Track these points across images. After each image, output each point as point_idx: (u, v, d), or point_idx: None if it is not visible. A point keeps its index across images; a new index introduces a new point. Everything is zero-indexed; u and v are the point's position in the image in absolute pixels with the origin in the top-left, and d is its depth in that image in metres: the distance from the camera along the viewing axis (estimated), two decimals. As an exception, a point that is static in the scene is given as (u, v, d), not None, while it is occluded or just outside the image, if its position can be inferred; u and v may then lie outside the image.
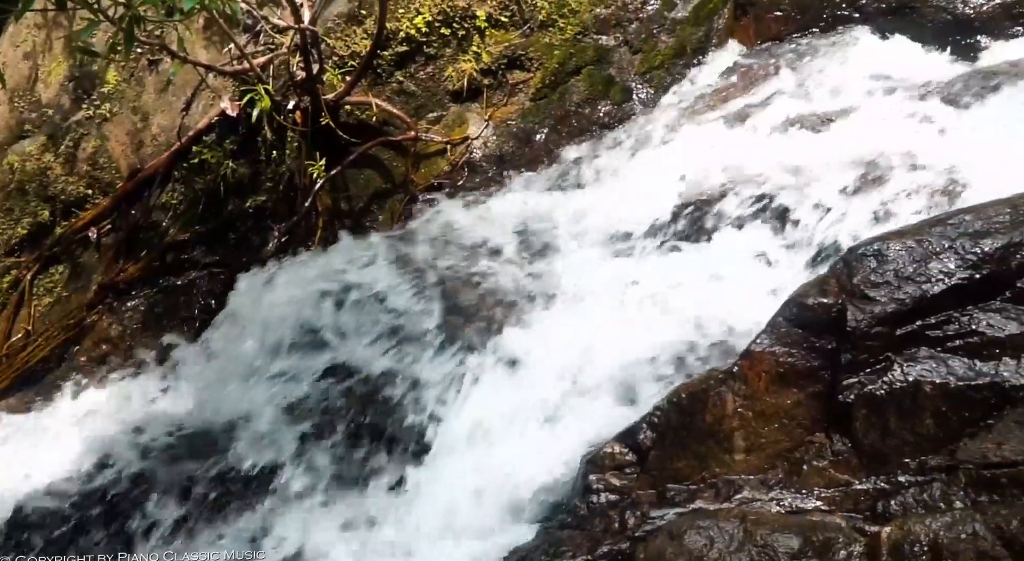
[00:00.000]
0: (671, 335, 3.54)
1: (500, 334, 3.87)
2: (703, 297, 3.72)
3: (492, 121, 5.08)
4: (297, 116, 4.91)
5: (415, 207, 5.05)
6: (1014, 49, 4.37)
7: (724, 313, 3.54)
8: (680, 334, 3.53)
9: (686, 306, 3.69)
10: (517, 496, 3.31)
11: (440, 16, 5.03)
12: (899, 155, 3.78)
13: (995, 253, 2.80)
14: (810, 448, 2.89)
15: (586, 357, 3.62)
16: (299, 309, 4.18)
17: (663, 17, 5.02)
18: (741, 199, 4.03)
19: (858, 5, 4.71)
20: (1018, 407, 2.63)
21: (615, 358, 3.58)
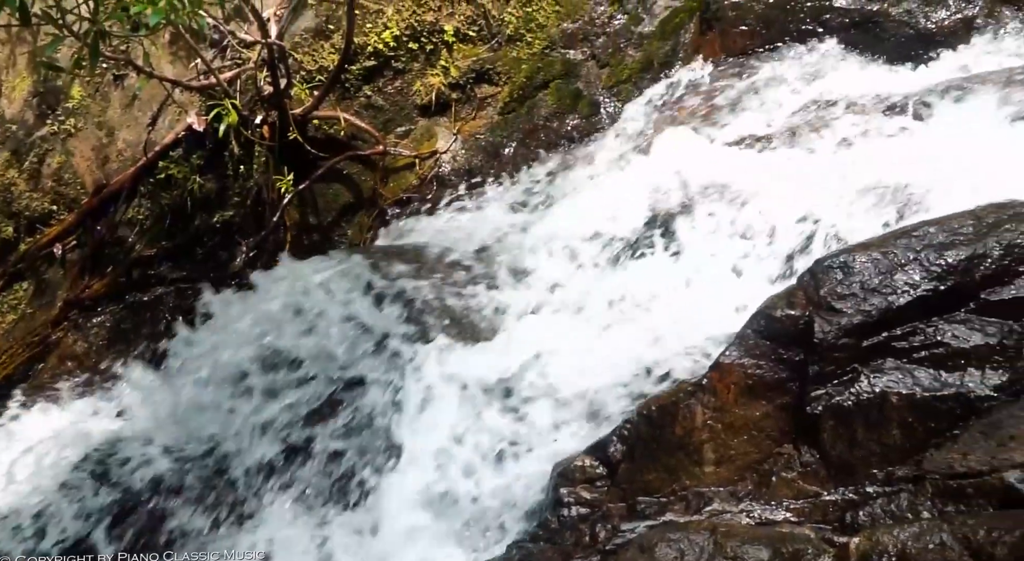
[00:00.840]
0: (641, 347, 3.55)
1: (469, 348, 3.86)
2: (673, 309, 3.74)
3: (461, 135, 5.09)
4: (265, 131, 4.89)
5: (384, 221, 5.03)
6: (976, 62, 4.43)
7: (694, 325, 3.55)
8: (650, 346, 3.54)
9: (656, 318, 3.71)
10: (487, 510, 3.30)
11: (408, 31, 5.03)
12: (865, 167, 3.82)
13: (959, 265, 2.83)
14: (779, 459, 2.90)
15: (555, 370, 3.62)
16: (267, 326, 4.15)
17: (630, 31, 5.05)
18: (710, 212, 4.05)
19: (823, 19, 4.76)
20: (983, 417, 2.65)
21: (585, 371, 3.58)
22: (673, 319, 3.66)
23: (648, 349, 3.53)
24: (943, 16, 4.63)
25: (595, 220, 4.31)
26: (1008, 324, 2.75)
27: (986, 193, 3.08)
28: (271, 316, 4.14)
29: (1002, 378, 2.68)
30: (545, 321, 3.96)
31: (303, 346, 4.02)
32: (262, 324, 4.14)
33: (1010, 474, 2.46)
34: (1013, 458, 2.52)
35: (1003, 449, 2.55)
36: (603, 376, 3.53)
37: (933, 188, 3.50)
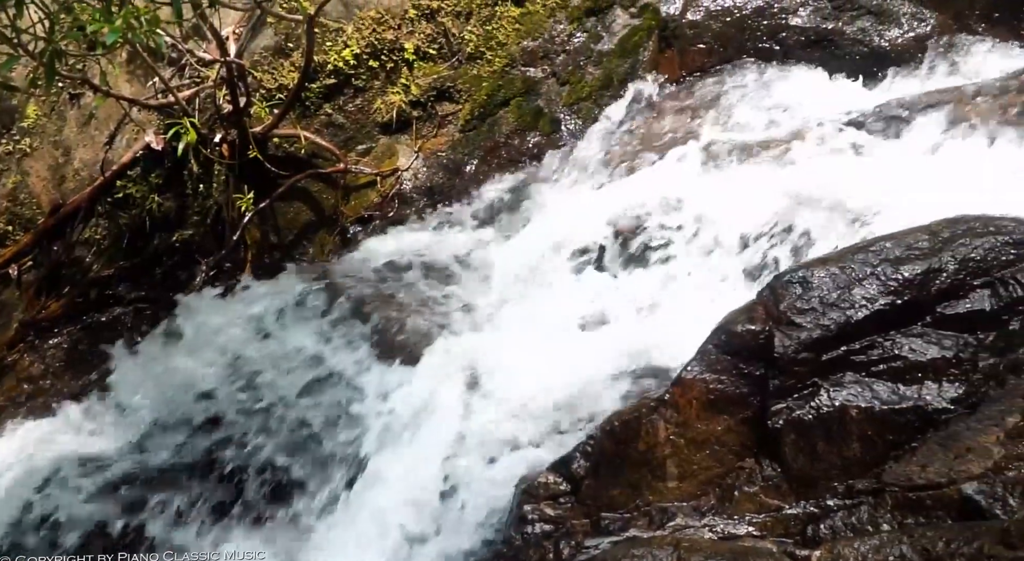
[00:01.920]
0: (604, 363, 3.56)
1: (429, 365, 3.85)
2: (636, 324, 3.76)
3: (422, 153, 5.08)
4: (224, 149, 4.85)
5: (346, 239, 5.01)
6: (928, 80, 4.51)
7: (657, 340, 3.57)
8: (613, 362, 3.55)
9: (619, 333, 3.73)
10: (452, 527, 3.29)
11: (368, 49, 5.03)
12: (822, 183, 3.87)
13: (915, 279, 2.87)
14: (741, 474, 2.92)
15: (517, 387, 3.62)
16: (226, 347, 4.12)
17: (590, 49, 5.08)
18: (671, 228, 4.08)
19: (779, 38, 4.83)
20: (940, 430, 2.69)
21: (547, 387, 3.58)
22: (635, 333, 3.68)
23: (610, 364, 3.54)
24: (896, 35, 4.71)
25: (557, 236, 4.33)
26: (963, 337, 2.79)
27: (937, 208, 3.13)
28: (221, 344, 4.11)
29: (958, 391, 2.72)
30: (507, 337, 3.96)
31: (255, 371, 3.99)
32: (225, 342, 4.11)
33: (967, 486, 2.49)
34: (970, 470, 2.55)
35: (960, 461, 2.58)
36: (565, 392, 3.53)
37: (887, 203, 3.55)
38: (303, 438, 3.83)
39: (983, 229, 2.89)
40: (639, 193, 4.28)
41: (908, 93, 4.34)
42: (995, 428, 2.61)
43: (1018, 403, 2.62)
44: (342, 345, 4.02)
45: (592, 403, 3.46)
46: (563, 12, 5.15)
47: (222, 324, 4.28)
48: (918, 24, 4.70)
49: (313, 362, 4.00)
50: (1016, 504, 2.40)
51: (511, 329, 3.98)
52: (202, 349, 4.19)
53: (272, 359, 4.03)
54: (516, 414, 3.54)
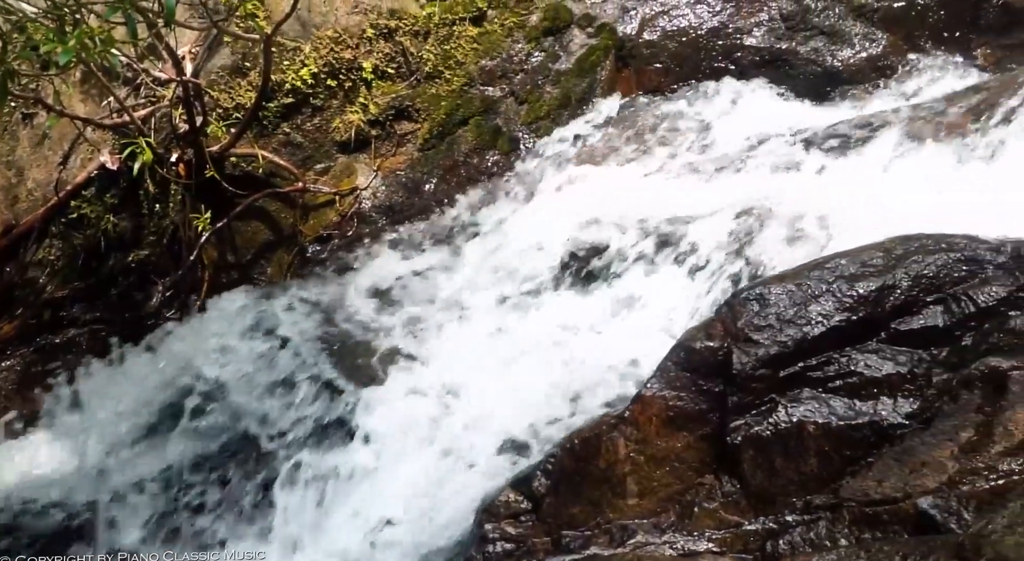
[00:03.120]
0: (564, 381, 3.57)
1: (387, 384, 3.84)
2: (595, 342, 3.77)
3: (381, 171, 5.07)
4: (181, 168, 4.81)
5: (305, 258, 4.99)
6: (880, 98, 4.59)
7: (616, 357, 3.58)
8: (573, 379, 3.56)
9: (579, 351, 3.74)
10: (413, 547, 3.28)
11: (326, 68, 5.02)
12: (777, 200, 3.91)
13: (870, 295, 2.90)
14: (701, 490, 2.93)
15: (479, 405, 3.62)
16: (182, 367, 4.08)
17: (547, 69, 5.11)
18: (628, 245, 4.10)
19: (734, 57, 4.89)
20: (896, 445, 2.72)
21: (509, 406, 3.58)
22: (597, 351, 3.69)
23: (572, 382, 3.55)
24: (848, 55, 4.79)
25: (517, 254, 4.34)
26: (918, 353, 2.83)
27: (890, 226, 3.17)
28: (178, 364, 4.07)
29: (913, 406, 2.76)
30: (467, 356, 3.95)
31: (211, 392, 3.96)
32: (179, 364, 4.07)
33: (923, 500, 2.52)
34: (925, 484, 2.58)
35: (916, 475, 2.61)
36: (525, 410, 3.53)
37: (841, 220, 3.59)
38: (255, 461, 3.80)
39: (935, 246, 2.94)
40: (599, 210, 4.30)
41: (860, 112, 4.41)
42: (949, 443, 2.64)
43: (971, 418, 2.66)
44: (299, 365, 3.99)
45: (552, 421, 3.46)
46: (521, 32, 5.18)
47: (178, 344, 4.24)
48: (870, 44, 4.79)
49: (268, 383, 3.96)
50: (970, 518, 2.43)
51: (471, 348, 3.97)
52: (158, 370, 4.15)
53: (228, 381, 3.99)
54: (476, 433, 3.54)
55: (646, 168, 4.47)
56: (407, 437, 3.65)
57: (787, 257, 3.62)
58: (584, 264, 4.13)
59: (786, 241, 3.68)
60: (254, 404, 3.93)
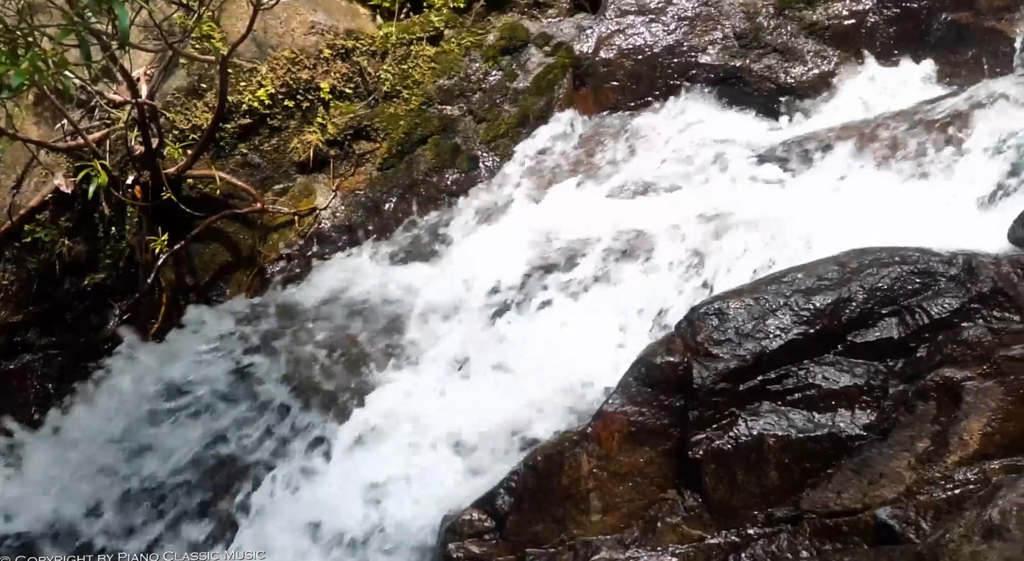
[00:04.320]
0: (527, 398, 3.57)
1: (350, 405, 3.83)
2: (557, 360, 3.77)
3: (340, 191, 5.06)
4: (137, 191, 4.76)
5: (264, 279, 4.96)
6: (833, 114, 4.66)
7: (579, 375, 3.59)
8: (536, 397, 3.56)
9: (541, 369, 3.74)
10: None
11: (283, 89, 5.00)
12: (733, 216, 3.95)
13: (826, 309, 2.94)
14: (663, 505, 2.94)
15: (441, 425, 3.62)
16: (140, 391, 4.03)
17: (505, 87, 5.14)
18: (588, 262, 4.12)
19: (689, 75, 4.94)
20: (854, 456, 2.75)
21: (472, 425, 3.58)
22: (558, 369, 3.70)
23: (534, 399, 3.55)
24: (801, 72, 4.86)
25: (476, 273, 4.34)
26: (874, 365, 2.86)
27: (845, 239, 3.22)
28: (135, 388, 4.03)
29: (870, 417, 2.79)
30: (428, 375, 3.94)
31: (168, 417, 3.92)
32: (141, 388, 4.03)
33: (881, 511, 2.56)
34: (883, 495, 2.62)
35: (874, 486, 2.65)
36: (488, 429, 3.53)
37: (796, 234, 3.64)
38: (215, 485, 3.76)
39: (889, 259, 2.98)
40: (557, 227, 4.32)
41: (813, 127, 4.48)
42: (906, 453, 2.68)
43: (927, 428, 2.70)
44: (258, 387, 3.96)
45: (515, 439, 3.46)
46: (478, 51, 5.21)
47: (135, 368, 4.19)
48: (822, 61, 4.86)
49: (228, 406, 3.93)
50: (928, 528, 2.46)
51: (432, 367, 3.96)
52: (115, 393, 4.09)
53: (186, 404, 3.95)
54: (438, 452, 3.53)
55: (604, 185, 4.49)
56: (369, 457, 3.63)
57: (745, 271, 3.65)
58: (543, 280, 4.14)
59: (744, 255, 3.72)
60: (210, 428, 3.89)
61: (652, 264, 3.97)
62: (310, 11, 5.10)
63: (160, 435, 3.91)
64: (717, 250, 3.82)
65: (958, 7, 4.75)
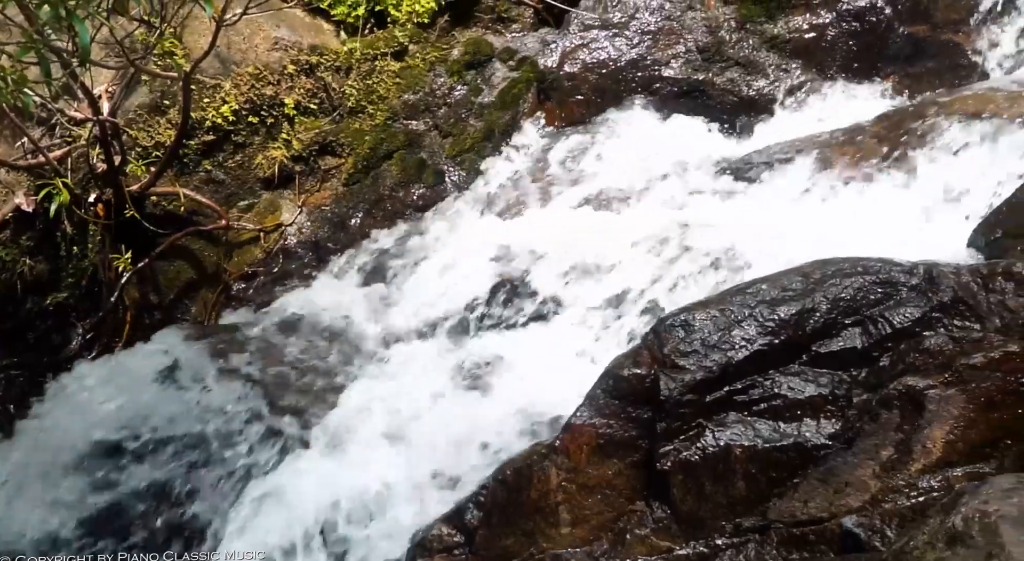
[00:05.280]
0: (495, 413, 3.57)
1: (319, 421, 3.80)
2: (525, 373, 3.78)
3: (306, 207, 5.05)
4: (99, 209, 4.73)
5: (230, 296, 4.93)
6: (794, 127, 4.71)
7: (546, 387, 3.60)
8: (504, 411, 3.57)
9: (509, 383, 3.74)
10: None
11: (247, 105, 4.99)
12: (698, 228, 3.98)
13: (791, 319, 2.96)
14: (632, 517, 2.95)
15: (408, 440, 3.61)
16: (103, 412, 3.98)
17: (471, 102, 5.15)
18: (554, 275, 4.13)
19: (653, 88, 4.98)
20: (820, 465, 2.77)
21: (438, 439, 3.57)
22: (526, 382, 3.71)
23: (503, 413, 3.56)
24: (763, 85, 4.91)
25: (444, 288, 4.34)
26: (838, 375, 2.89)
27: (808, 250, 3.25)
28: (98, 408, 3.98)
29: (835, 427, 2.81)
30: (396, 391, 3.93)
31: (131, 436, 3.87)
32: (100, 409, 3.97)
33: (847, 519, 2.57)
34: (849, 503, 2.64)
35: (840, 495, 2.67)
36: (456, 444, 3.53)
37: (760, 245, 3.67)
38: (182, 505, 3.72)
39: (852, 269, 3.01)
40: (524, 241, 4.33)
41: (776, 140, 4.52)
42: (870, 462, 2.70)
43: (891, 437, 2.72)
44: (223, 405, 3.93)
45: (484, 453, 3.46)
46: (443, 66, 5.22)
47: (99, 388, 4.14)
48: (783, 75, 4.92)
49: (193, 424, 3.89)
50: (893, 535, 2.48)
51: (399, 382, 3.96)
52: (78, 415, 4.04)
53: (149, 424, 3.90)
54: (407, 467, 3.52)
55: (568, 198, 4.51)
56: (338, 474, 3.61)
57: (710, 283, 3.68)
58: (509, 295, 4.15)
59: (708, 267, 3.75)
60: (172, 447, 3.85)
61: (617, 276, 3.99)
62: (273, 27, 5.09)
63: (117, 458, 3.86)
64: (680, 262, 3.85)
65: (915, 21, 4.83)
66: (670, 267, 3.83)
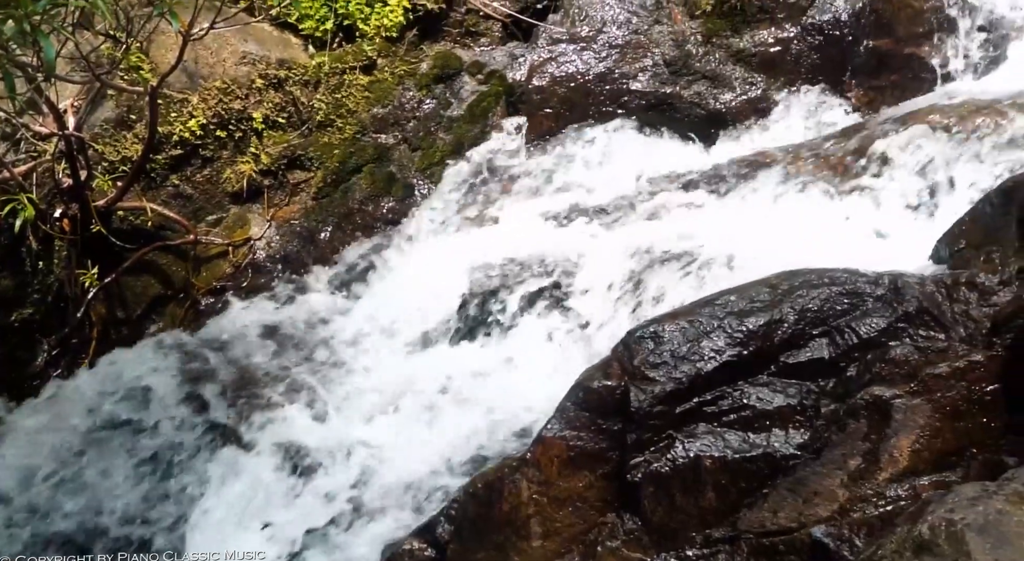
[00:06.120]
0: (467, 426, 3.57)
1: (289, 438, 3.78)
2: (496, 386, 3.78)
3: (275, 221, 5.03)
4: (65, 224, 4.67)
5: (198, 311, 4.89)
6: (761, 139, 4.75)
7: (517, 400, 3.60)
8: (476, 425, 3.56)
9: (480, 396, 3.74)
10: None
11: (215, 119, 4.96)
12: (668, 240, 4.01)
13: (759, 330, 2.98)
14: (603, 529, 2.95)
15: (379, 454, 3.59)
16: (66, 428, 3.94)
17: (439, 115, 5.16)
18: (525, 289, 4.14)
19: (621, 102, 5.01)
20: (789, 475, 2.78)
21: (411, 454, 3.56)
22: (495, 395, 3.70)
23: (475, 427, 3.55)
24: (729, 98, 4.96)
25: (413, 300, 4.33)
26: (806, 385, 2.91)
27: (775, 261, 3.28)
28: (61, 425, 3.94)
29: (804, 437, 2.83)
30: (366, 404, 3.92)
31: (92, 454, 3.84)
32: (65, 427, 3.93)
33: (816, 529, 2.59)
34: (818, 513, 2.65)
35: (809, 505, 2.68)
36: (429, 457, 3.52)
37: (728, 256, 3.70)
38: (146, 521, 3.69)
39: (818, 280, 3.04)
40: (494, 254, 4.34)
41: (743, 152, 4.56)
42: (839, 471, 2.72)
43: (859, 446, 2.74)
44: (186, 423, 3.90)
45: (455, 466, 3.45)
46: (412, 80, 5.22)
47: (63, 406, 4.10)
48: (750, 88, 4.97)
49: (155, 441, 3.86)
50: (862, 545, 2.50)
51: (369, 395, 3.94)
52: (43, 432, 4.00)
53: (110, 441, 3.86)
54: (378, 482, 3.50)
55: (537, 211, 4.53)
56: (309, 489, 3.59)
57: (679, 294, 3.70)
58: (480, 308, 4.15)
59: (677, 278, 3.77)
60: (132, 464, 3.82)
61: (587, 288, 4.00)
62: (241, 41, 5.07)
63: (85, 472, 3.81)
64: (650, 274, 3.87)
65: (879, 34, 4.89)
66: (639, 277, 3.85)
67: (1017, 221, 2.93)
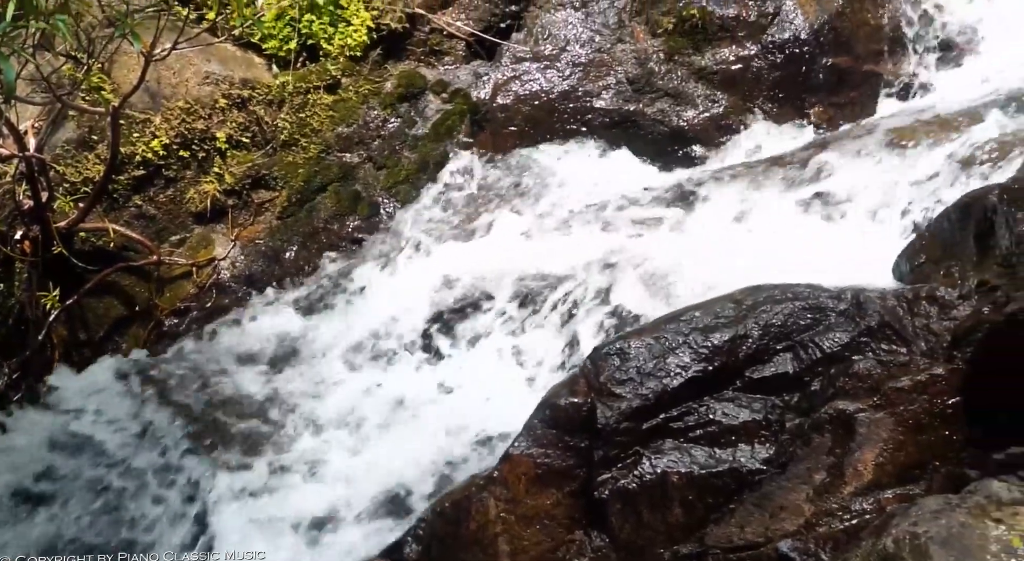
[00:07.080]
0: (434, 445, 3.55)
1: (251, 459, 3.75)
2: (464, 404, 3.77)
3: (239, 241, 5.00)
4: (26, 245, 4.62)
5: (161, 333, 4.85)
6: (723, 156, 4.80)
7: (486, 418, 3.59)
8: (444, 443, 3.55)
9: (448, 414, 3.73)
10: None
11: (178, 139, 4.94)
12: (631, 256, 4.03)
13: (724, 346, 3.00)
14: (571, 546, 2.95)
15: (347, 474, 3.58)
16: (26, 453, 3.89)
17: (404, 134, 5.16)
18: (492, 305, 4.15)
19: (585, 119, 5.04)
20: (755, 490, 2.80)
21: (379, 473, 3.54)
22: (464, 413, 3.70)
23: (442, 445, 3.54)
24: (692, 115, 5.00)
25: (381, 318, 4.32)
26: (771, 400, 2.93)
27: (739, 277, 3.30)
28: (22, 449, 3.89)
29: (769, 451, 2.85)
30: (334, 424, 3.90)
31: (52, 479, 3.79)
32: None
33: (783, 544, 2.60)
34: (784, 527, 2.67)
35: (775, 520, 2.70)
36: (396, 476, 3.50)
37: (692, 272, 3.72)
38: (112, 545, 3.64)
39: (782, 296, 3.06)
40: (460, 272, 4.34)
41: (705, 168, 4.61)
42: (804, 486, 2.74)
43: (823, 460, 2.76)
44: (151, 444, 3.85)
45: (423, 486, 3.44)
46: (376, 99, 5.22)
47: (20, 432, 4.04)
48: (712, 105, 5.01)
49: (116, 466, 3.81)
50: (827, 558, 2.52)
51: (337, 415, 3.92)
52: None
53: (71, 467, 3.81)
54: (345, 502, 3.48)
55: (503, 228, 4.54)
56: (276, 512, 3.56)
57: (645, 310, 3.71)
58: (447, 325, 4.15)
59: (643, 295, 3.78)
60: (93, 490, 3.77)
61: (553, 305, 4.01)
62: (204, 61, 5.05)
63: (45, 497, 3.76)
64: (616, 290, 3.88)
65: (838, 52, 4.96)
66: (605, 294, 3.86)
67: (975, 236, 2.97)
